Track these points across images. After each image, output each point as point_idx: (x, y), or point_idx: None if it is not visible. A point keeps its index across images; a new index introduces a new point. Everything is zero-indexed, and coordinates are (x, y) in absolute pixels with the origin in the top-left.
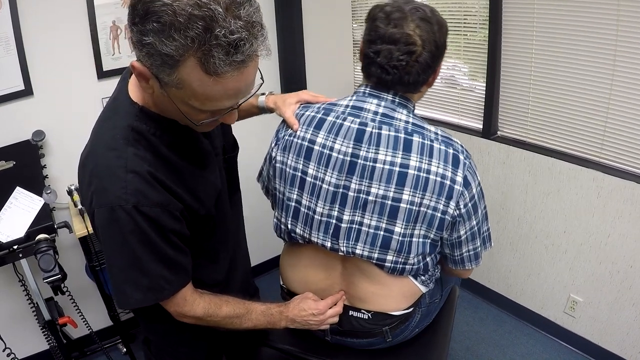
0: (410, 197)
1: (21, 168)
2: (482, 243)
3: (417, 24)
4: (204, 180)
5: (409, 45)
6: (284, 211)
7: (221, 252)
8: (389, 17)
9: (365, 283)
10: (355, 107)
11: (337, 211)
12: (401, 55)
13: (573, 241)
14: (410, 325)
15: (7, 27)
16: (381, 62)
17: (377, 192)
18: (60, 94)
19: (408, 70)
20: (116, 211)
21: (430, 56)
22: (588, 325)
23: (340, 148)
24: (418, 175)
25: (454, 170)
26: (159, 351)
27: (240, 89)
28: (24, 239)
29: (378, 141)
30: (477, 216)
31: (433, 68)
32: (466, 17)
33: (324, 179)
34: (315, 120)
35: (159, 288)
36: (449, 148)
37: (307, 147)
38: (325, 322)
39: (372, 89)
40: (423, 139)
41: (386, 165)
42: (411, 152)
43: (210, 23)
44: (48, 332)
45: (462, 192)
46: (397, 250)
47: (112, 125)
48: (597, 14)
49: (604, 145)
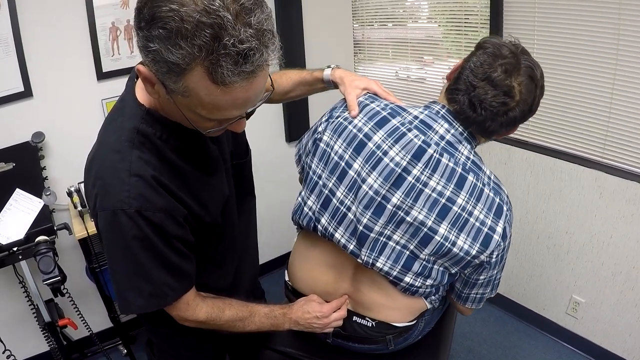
0: (447, 232)
1: (21, 170)
2: (491, 289)
3: (525, 80)
4: (210, 186)
5: (507, 97)
6: (315, 195)
7: (227, 258)
8: (497, 57)
9: (373, 293)
10: (425, 122)
11: (369, 219)
12: (493, 101)
13: (575, 242)
14: (413, 334)
15: (6, 28)
16: (473, 97)
17: (417, 215)
18: (60, 96)
19: (495, 118)
20: (118, 215)
21: (521, 115)
22: (590, 326)
23: (394, 156)
24: (460, 214)
25: (495, 220)
26: (162, 354)
27: (250, 99)
28: (23, 240)
29: (435, 167)
30: (500, 266)
31: (514, 126)
32: (467, 17)
33: (366, 180)
34: (379, 116)
35: (162, 294)
36: (497, 197)
37: (360, 139)
38: (329, 326)
39: (448, 113)
40: (477, 180)
41: (434, 194)
42: (462, 189)
43: (218, 31)
44: (48, 334)
45: (500, 243)
46: (417, 274)
47: (118, 127)
48: (599, 13)
49: (606, 145)
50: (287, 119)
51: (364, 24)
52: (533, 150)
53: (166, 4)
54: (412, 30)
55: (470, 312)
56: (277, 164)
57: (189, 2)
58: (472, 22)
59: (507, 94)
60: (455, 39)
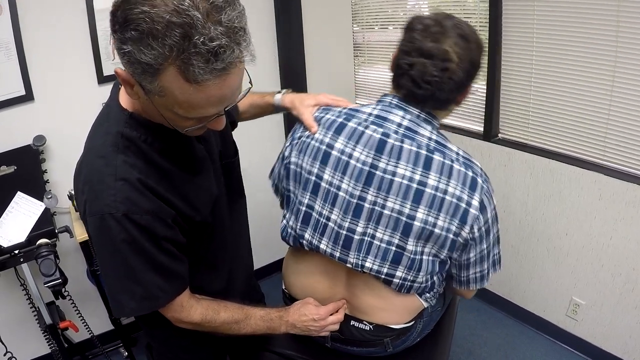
0: (425, 215)
1: (22, 173)
2: (490, 266)
3: (456, 40)
4: (196, 186)
5: (445, 62)
6: (294, 215)
7: (219, 259)
8: (427, 30)
9: (368, 296)
10: (380, 116)
11: (350, 222)
12: (436, 70)
13: (575, 244)
14: (411, 336)
15: (7, 32)
16: (414, 75)
17: (392, 206)
18: (61, 99)
19: (441, 86)
20: (106, 219)
21: (465, 74)
22: (590, 328)
23: (359, 156)
24: (435, 195)
25: (471, 194)
26: (161, 357)
27: (225, 96)
28: (25, 243)
29: (399, 154)
30: (488, 240)
31: (465, 87)
32: (466, 19)
33: (340, 186)
34: (336, 124)
35: (154, 297)
36: (469, 170)
37: (324, 151)
38: (326, 329)
39: (400, 101)
40: (444, 158)
41: (405, 180)
42: (430, 170)
43: (188, 30)
44: (49, 336)
45: (478, 216)
46: (408, 267)
47: (103, 133)
48: (598, 15)
49: (605, 148)
50: (287, 123)
51: (364, 27)
52: (533, 152)
53: (138, 6)
54: None
55: (472, 294)
56: None
57: (160, 4)
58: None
59: (444, 59)
60: None
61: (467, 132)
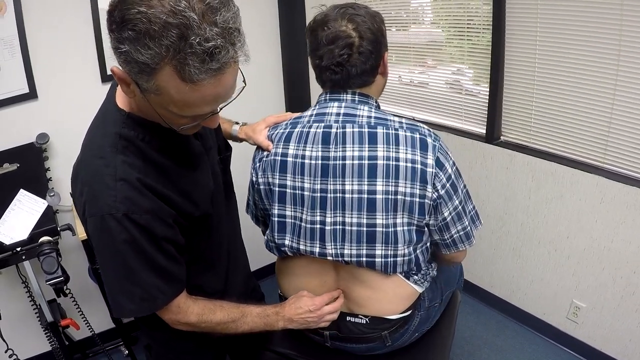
0: (384, 187)
1: (25, 171)
2: (470, 222)
3: (348, 19)
4: (194, 181)
5: (346, 39)
6: (269, 229)
7: (216, 256)
8: (322, 24)
9: (359, 287)
10: (319, 113)
11: (319, 215)
12: (341, 50)
13: (576, 247)
14: (409, 329)
15: (12, 30)
16: (327, 64)
17: (351, 188)
18: (65, 97)
19: (352, 62)
20: (107, 220)
21: (369, 43)
22: (591, 331)
23: (311, 154)
24: (388, 165)
25: (423, 154)
26: (160, 358)
27: (219, 95)
28: (27, 241)
29: (344, 139)
30: (458, 195)
31: (377, 55)
32: (469, 22)
33: (303, 187)
34: (284, 135)
35: (152, 298)
36: (415, 133)
37: (280, 161)
38: (324, 319)
39: (330, 94)
40: (387, 129)
41: (355, 161)
42: (377, 143)
43: (185, 31)
44: (50, 334)
45: (436, 173)
46: (384, 242)
47: (100, 134)
48: (601, 18)
49: (607, 151)
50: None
51: None
52: (534, 155)
53: (135, 6)
54: (415, 34)
55: (464, 255)
56: None
57: (157, 4)
58: (474, 26)
59: (343, 37)
60: (459, 43)
61: (469, 134)
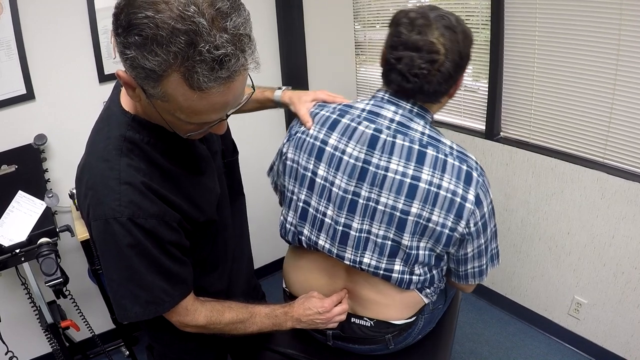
0: (419, 210)
1: (23, 172)
2: (489, 260)
3: (442, 32)
4: (201, 186)
5: (432, 54)
6: (292, 210)
7: (221, 260)
8: (412, 24)
9: (369, 292)
10: (372, 112)
11: (345, 217)
12: (423, 63)
13: (577, 243)
14: (413, 332)
15: (8, 31)
16: (402, 69)
17: (386, 201)
18: (62, 98)
19: (429, 79)
20: (111, 224)
21: (453, 66)
22: (592, 327)
23: (352, 152)
24: (429, 190)
25: (466, 188)
26: (162, 358)
27: (228, 103)
28: (26, 242)
29: (391, 150)
30: (485, 235)
31: (455, 79)
32: (468, 17)
33: (334, 182)
34: (330, 120)
35: (159, 301)
36: (463, 164)
37: (319, 147)
38: (332, 320)
39: (391, 96)
40: (437, 152)
41: (397, 176)
42: (424, 165)
43: (193, 37)
44: (50, 335)
45: (474, 210)
46: (404, 260)
47: (105, 136)
48: (600, 14)
49: (607, 146)
50: (287, 121)
51: (366, 25)
52: (534, 151)
53: (142, 10)
54: None
55: (472, 288)
56: None
57: (165, 9)
58: (473, 23)
59: (430, 51)
60: None
61: (469, 130)
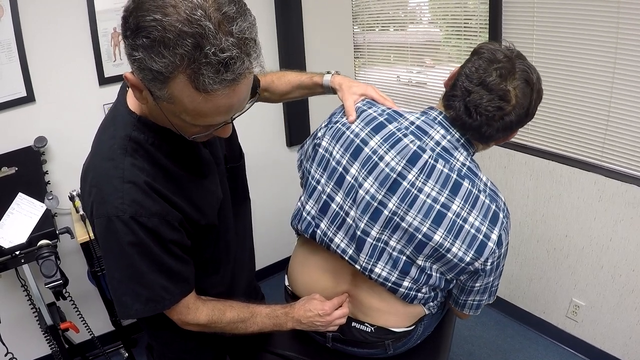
0: (441, 239)
1: (23, 174)
2: (488, 296)
3: (519, 84)
4: (204, 189)
5: (503, 101)
6: (313, 200)
7: (223, 262)
8: (496, 62)
9: (372, 298)
10: (421, 128)
11: (366, 223)
12: (489, 105)
13: (575, 245)
14: (412, 339)
15: (9, 34)
16: (469, 102)
17: (411, 221)
18: (62, 101)
19: (490, 123)
20: (114, 222)
21: (517, 119)
22: (590, 329)
23: (390, 161)
24: (454, 221)
25: (491, 227)
26: (162, 358)
27: (233, 105)
28: (25, 244)
29: (430, 173)
30: (495, 274)
31: (512, 130)
32: (467, 21)
33: (363, 184)
34: (376, 122)
35: (160, 298)
36: (492, 203)
37: (357, 145)
38: (333, 323)
39: (445, 120)
40: (472, 186)
41: (429, 200)
42: (457, 195)
43: (200, 40)
44: (50, 337)
45: (494, 250)
46: (415, 279)
47: (110, 136)
48: (598, 17)
49: (605, 149)
50: (287, 124)
51: (365, 28)
52: (532, 154)
53: (150, 14)
54: (413, 34)
55: (467, 317)
56: (278, 169)
57: (173, 12)
58: (471, 26)
59: (502, 98)
60: (456, 43)
61: None
